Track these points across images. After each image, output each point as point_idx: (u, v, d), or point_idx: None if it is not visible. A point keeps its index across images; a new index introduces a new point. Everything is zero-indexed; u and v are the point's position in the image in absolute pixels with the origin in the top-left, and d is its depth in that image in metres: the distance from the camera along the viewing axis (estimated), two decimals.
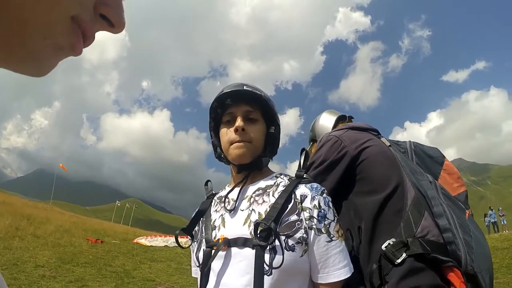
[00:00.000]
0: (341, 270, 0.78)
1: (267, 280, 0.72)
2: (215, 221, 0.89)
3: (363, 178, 1.08)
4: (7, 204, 12.14)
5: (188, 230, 0.93)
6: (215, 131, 0.96)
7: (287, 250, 0.75)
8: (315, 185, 0.85)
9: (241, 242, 0.78)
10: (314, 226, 0.78)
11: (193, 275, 0.97)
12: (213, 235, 0.85)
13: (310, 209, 0.79)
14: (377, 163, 1.08)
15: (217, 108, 0.92)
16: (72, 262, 5.80)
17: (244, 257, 0.76)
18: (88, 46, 0.28)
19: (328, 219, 0.80)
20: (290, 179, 0.89)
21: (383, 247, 0.92)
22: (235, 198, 0.88)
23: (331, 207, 0.83)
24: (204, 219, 0.93)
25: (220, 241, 0.81)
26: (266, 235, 0.74)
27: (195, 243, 0.93)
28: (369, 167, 1.08)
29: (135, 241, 10.15)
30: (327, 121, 1.53)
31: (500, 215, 21.71)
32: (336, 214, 0.84)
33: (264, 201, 0.83)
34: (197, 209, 0.96)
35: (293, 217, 0.79)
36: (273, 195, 0.84)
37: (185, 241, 1.05)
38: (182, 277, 6.05)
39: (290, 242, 0.76)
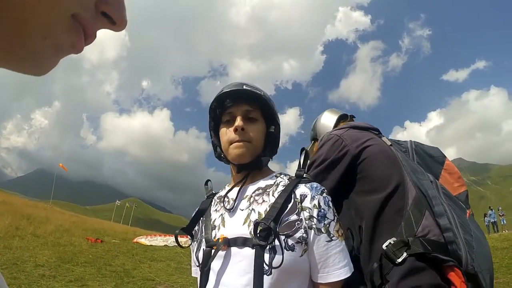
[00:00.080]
0: (341, 270, 0.77)
1: (266, 280, 0.72)
2: (215, 220, 0.89)
3: (364, 177, 1.08)
4: (7, 203, 12.14)
5: (188, 230, 0.93)
6: (215, 131, 0.96)
7: (286, 250, 0.74)
8: (315, 184, 0.85)
9: (240, 242, 0.78)
10: (314, 226, 0.78)
11: (193, 274, 0.96)
12: (213, 235, 0.85)
13: (310, 208, 0.79)
14: (378, 162, 1.08)
15: (216, 107, 0.91)
16: (72, 262, 5.80)
17: (244, 257, 0.76)
18: (90, 44, 0.27)
19: (328, 218, 0.80)
20: (290, 178, 0.89)
21: (384, 246, 0.92)
22: (234, 197, 0.88)
23: (331, 206, 0.83)
24: (204, 218, 0.93)
25: (220, 240, 0.81)
26: (265, 234, 0.74)
27: (195, 242, 0.93)
28: (370, 166, 1.08)
29: (135, 240, 10.15)
30: (328, 120, 1.52)
31: (500, 215, 21.72)
32: (336, 214, 0.84)
33: (264, 200, 0.83)
34: (197, 209, 0.96)
35: (293, 217, 0.78)
36: (273, 195, 0.83)
37: (184, 240, 1.05)
38: (181, 276, 6.05)
39: (290, 241, 0.76)
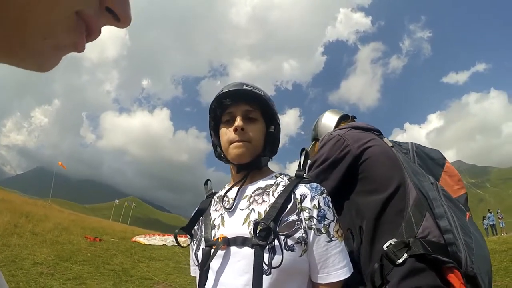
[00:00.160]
0: (340, 270, 0.77)
1: (266, 280, 0.72)
2: (214, 220, 0.89)
3: (365, 178, 1.08)
4: (6, 201, 12.14)
5: (187, 229, 0.93)
6: (215, 131, 0.96)
7: (286, 250, 0.74)
8: (315, 185, 0.85)
9: (240, 241, 0.77)
10: (314, 226, 0.78)
11: (191, 274, 0.96)
12: (213, 234, 0.85)
13: (309, 209, 0.79)
14: (379, 163, 1.08)
15: (216, 107, 0.91)
16: (70, 260, 5.80)
17: (243, 257, 0.76)
18: (94, 40, 0.27)
19: (328, 219, 0.80)
20: (290, 179, 0.89)
21: (385, 247, 0.92)
22: (234, 197, 0.88)
23: (331, 207, 0.83)
24: (204, 218, 0.93)
25: (220, 240, 0.80)
26: (265, 234, 0.74)
27: (194, 242, 0.92)
28: (372, 166, 1.08)
29: (133, 239, 10.15)
30: (329, 120, 1.51)
31: (498, 217, 21.71)
32: (335, 214, 0.84)
33: (263, 200, 0.83)
34: (196, 208, 0.96)
35: (293, 217, 0.78)
36: (272, 195, 0.83)
37: (184, 240, 1.04)
38: (180, 276, 6.05)
39: (290, 242, 0.75)
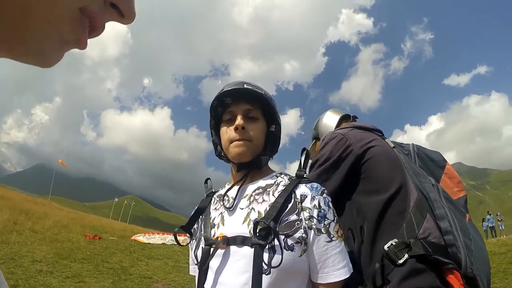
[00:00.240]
0: (340, 271, 0.77)
1: (265, 279, 0.72)
2: (214, 219, 0.89)
3: (367, 177, 1.08)
4: (5, 198, 12.15)
5: (187, 228, 0.93)
6: (215, 129, 0.95)
7: (286, 250, 0.74)
8: (315, 185, 0.85)
9: (240, 241, 0.77)
10: (314, 226, 0.77)
11: (190, 272, 0.96)
12: (212, 233, 0.85)
13: (310, 209, 0.79)
14: (381, 163, 1.08)
15: (217, 106, 0.91)
16: (69, 258, 5.80)
17: (243, 256, 0.76)
18: (98, 35, 0.27)
19: (328, 219, 0.80)
20: (290, 178, 0.89)
21: (386, 247, 0.92)
22: (234, 196, 0.88)
23: (331, 207, 0.83)
24: (204, 217, 0.93)
25: (219, 239, 0.80)
26: (265, 234, 0.74)
27: (193, 240, 0.92)
28: (374, 166, 1.08)
29: (133, 238, 10.15)
30: (330, 120, 1.51)
31: (498, 220, 21.71)
32: (336, 214, 0.83)
33: (264, 200, 0.83)
34: (196, 207, 0.95)
35: (293, 217, 0.78)
36: (273, 194, 0.83)
37: (183, 239, 1.04)
38: (179, 275, 6.05)
39: (290, 241, 0.75)
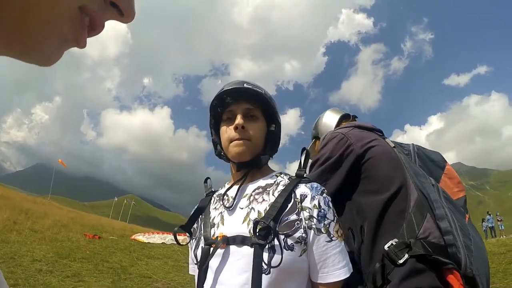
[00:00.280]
0: (340, 270, 0.77)
1: (265, 279, 0.72)
2: (214, 218, 0.88)
3: (367, 177, 1.08)
4: (5, 198, 12.15)
5: (186, 227, 0.93)
6: (215, 129, 0.95)
7: (286, 250, 0.74)
8: (315, 184, 0.85)
9: (239, 240, 0.77)
10: (314, 226, 0.77)
11: (190, 272, 0.96)
12: (212, 233, 0.85)
13: (310, 208, 0.79)
14: (382, 163, 1.08)
15: (217, 105, 0.91)
16: (69, 257, 5.81)
17: (243, 255, 0.76)
18: (97, 34, 0.27)
19: (328, 219, 0.80)
20: (290, 178, 0.89)
21: (386, 247, 0.92)
22: (234, 196, 0.88)
23: (331, 207, 0.83)
24: (203, 216, 0.92)
25: (219, 238, 0.80)
26: (265, 233, 0.73)
27: (193, 240, 0.92)
28: (374, 166, 1.08)
29: (132, 237, 10.16)
30: (330, 119, 1.51)
31: (498, 220, 21.72)
32: (336, 214, 0.83)
33: (263, 199, 0.83)
34: (196, 206, 0.95)
35: (293, 217, 0.78)
36: (273, 194, 0.83)
37: (183, 238, 1.04)
38: (179, 274, 6.06)
39: (289, 241, 0.75)
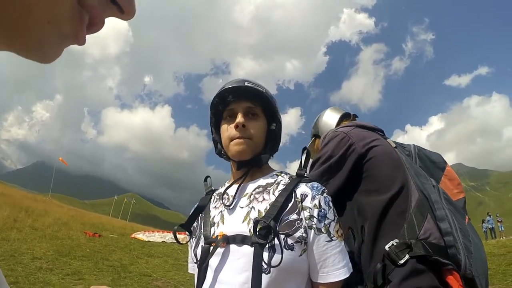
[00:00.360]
0: (340, 270, 0.77)
1: (265, 278, 0.72)
2: (214, 217, 0.88)
3: (368, 177, 1.08)
4: (6, 195, 12.18)
5: (186, 226, 0.92)
6: (216, 127, 0.95)
7: (286, 249, 0.74)
8: (315, 184, 0.85)
9: (239, 239, 0.77)
10: (314, 226, 0.77)
11: (189, 271, 0.96)
12: (212, 232, 0.85)
13: (310, 208, 0.79)
14: (383, 163, 1.08)
15: (218, 104, 0.91)
16: (69, 255, 5.82)
17: (243, 255, 0.76)
18: (97, 31, 0.27)
19: (328, 218, 0.80)
20: (291, 177, 0.89)
21: (387, 247, 0.92)
22: (234, 194, 0.87)
23: (331, 206, 0.83)
24: (203, 215, 0.92)
25: (219, 237, 0.80)
26: (265, 233, 0.73)
27: (193, 239, 0.92)
28: (376, 166, 1.08)
29: (132, 236, 10.18)
30: (331, 118, 1.51)
31: (498, 221, 21.70)
32: (336, 214, 0.83)
33: (264, 199, 0.83)
34: (196, 205, 0.95)
35: (293, 216, 0.78)
36: (273, 193, 0.83)
37: (183, 237, 1.04)
38: (178, 273, 6.07)
39: (290, 241, 0.75)
